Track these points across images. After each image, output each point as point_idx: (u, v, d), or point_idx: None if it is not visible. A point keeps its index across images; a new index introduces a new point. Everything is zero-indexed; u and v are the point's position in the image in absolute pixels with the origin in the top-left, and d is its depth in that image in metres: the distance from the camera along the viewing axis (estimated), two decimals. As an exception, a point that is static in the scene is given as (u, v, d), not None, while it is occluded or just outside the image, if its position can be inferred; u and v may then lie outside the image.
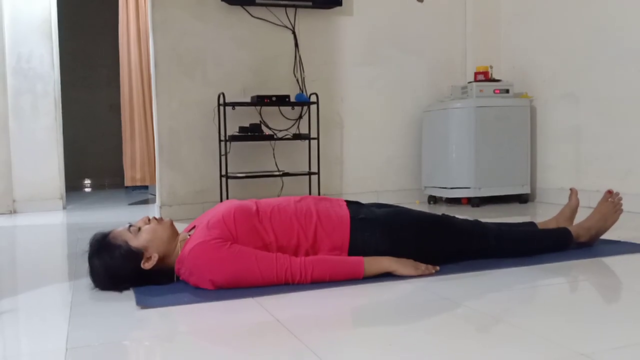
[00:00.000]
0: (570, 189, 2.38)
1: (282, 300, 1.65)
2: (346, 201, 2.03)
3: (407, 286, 1.77)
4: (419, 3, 4.23)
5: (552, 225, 2.34)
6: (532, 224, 2.36)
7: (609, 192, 2.29)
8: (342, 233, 1.88)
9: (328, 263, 1.79)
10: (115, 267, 1.77)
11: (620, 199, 2.28)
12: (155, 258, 1.78)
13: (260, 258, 1.75)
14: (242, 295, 1.68)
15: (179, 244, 1.85)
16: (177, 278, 1.83)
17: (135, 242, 1.78)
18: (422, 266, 1.87)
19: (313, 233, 1.86)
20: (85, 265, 1.83)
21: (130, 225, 1.83)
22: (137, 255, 1.77)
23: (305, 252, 1.85)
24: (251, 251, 1.76)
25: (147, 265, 1.78)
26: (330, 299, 1.67)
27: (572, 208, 2.33)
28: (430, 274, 1.87)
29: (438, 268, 1.90)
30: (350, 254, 1.88)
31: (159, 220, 1.85)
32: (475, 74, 3.97)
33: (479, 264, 2.01)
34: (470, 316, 1.50)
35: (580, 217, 2.35)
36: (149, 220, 1.85)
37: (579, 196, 2.37)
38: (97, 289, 1.82)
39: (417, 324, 1.45)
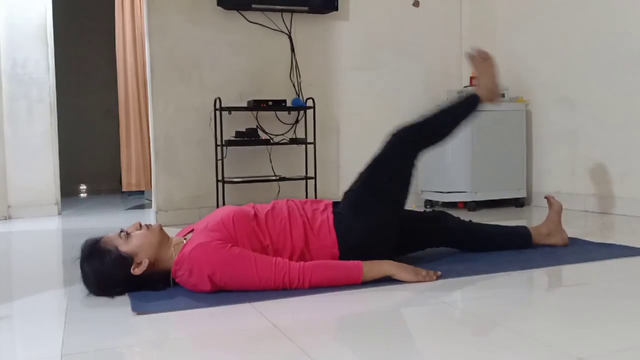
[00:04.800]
0: (546, 198, 2.44)
1: (279, 305, 1.64)
2: (333, 203, 2.06)
3: (405, 291, 1.76)
4: (415, 8, 4.25)
5: (544, 230, 2.35)
6: (524, 227, 2.37)
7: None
8: (328, 234, 1.90)
9: (326, 268, 1.79)
10: (105, 273, 1.76)
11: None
12: (145, 264, 1.78)
13: (259, 262, 1.75)
14: (238, 301, 1.67)
15: (172, 248, 1.84)
16: (173, 282, 1.83)
17: (125, 247, 1.78)
18: (423, 272, 1.86)
19: (304, 236, 1.88)
20: (79, 271, 1.82)
21: (121, 231, 1.82)
22: (127, 260, 1.76)
23: (301, 254, 1.85)
24: (251, 254, 1.76)
25: (137, 270, 1.77)
26: (328, 303, 1.66)
27: (557, 212, 2.37)
28: (431, 280, 1.85)
29: (440, 273, 1.89)
30: (342, 250, 1.90)
31: (149, 226, 1.85)
32: (471, 78, 3.98)
33: (476, 268, 2.01)
34: (468, 320, 1.50)
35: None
36: (140, 226, 1.84)
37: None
38: (91, 294, 1.81)
39: (414, 328, 1.44)
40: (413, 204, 4.20)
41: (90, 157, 6.55)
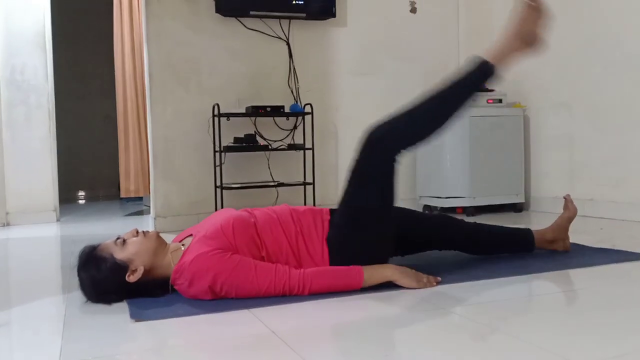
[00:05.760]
0: (565, 197, 2.33)
1: (278, 312, 1.64)
2: (330, 211, 2.00)
3: (404, 296, 1.76)
4: (412, 14, 4.26)
5: (549, 236, 2.32)
6: (528, 231, 2.35)
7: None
8: (321, 251, 1.87)
9: (327, 275, 1.78)
10: (101, 280, 1.76)
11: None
12: (140, 271, 1.77)
13: (259, 269, 1.74)
14: (237, 307, 1.67)
15: (169, 254, 1.84)
16: (172, 289, 1.82)
17: (121, 254, 1.77)
18: (424, 277, 1.86)
19: (297, 250, 1.86)
20: (77, 278, 1.82)
21: (117, 238, 1.82)
22: (122, 268, 1.76)
23: (294, 267, 1.84)
24: (251, 262, 1.75)
25: (132, 278, 1.77)
26: (327, 310, 1.66)
27: (570, 218, 2.30)
28: (432, 286, 1.85)
29: (439, 279, 1.89)
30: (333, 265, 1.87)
31: (145, 233, 1.85)
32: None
33: (475, 274, 2.01)
34: (467, 326, 1.49)
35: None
36: (137, 232, 1.84)
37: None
38: (89, 301, 1.81)
39: (413, 334, 1.44)
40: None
41: (89, 163, 6.55)
